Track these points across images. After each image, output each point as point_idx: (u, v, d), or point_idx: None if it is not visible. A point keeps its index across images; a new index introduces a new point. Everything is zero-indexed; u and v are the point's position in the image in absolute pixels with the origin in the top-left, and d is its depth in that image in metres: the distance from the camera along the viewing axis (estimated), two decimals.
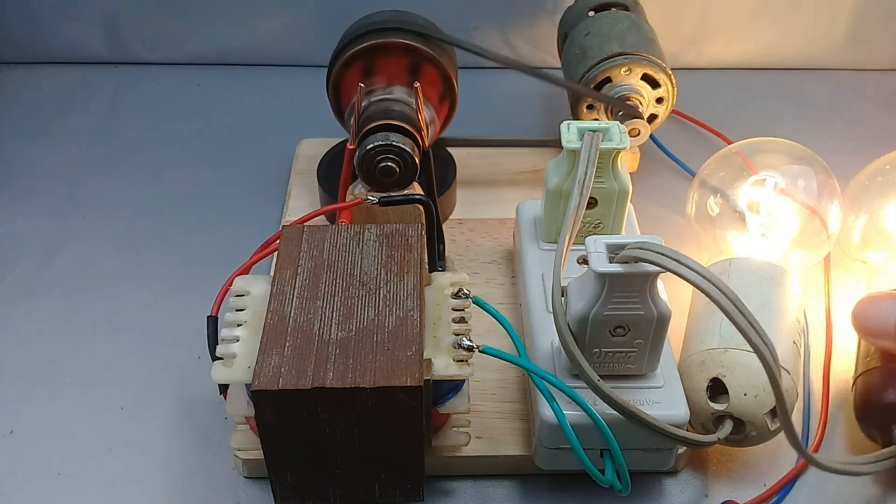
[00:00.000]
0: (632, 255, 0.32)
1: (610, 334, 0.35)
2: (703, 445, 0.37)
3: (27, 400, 0.43)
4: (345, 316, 0.34)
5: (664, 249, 0.31)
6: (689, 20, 0.67)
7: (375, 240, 0.37)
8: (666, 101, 0.53)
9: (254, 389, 0.31)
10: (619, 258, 0.32)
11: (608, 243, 0.33)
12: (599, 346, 0.35)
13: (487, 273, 0.49)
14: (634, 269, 0.32)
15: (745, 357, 0.37)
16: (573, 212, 0.38)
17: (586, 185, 0.39)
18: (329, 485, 0.35)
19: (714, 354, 0.37)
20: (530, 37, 0.68)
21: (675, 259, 0.30)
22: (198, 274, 0.49)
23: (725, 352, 0.37)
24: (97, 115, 0.64)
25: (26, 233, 0.53)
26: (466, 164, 0.54)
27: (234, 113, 0.64)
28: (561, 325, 0.35)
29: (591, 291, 0.33)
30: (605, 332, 0.35)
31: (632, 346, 0.35)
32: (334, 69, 0.48)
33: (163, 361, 0.45)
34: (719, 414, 0.37)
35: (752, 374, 0.36)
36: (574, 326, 0.35)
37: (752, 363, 0.36)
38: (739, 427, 0.37)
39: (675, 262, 0.30)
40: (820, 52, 0.69)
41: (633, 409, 0.34)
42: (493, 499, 0.39)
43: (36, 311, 0.48)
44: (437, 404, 0.36)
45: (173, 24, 0.67)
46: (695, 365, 0.38)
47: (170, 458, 0.40)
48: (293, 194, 0.53)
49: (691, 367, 0.38)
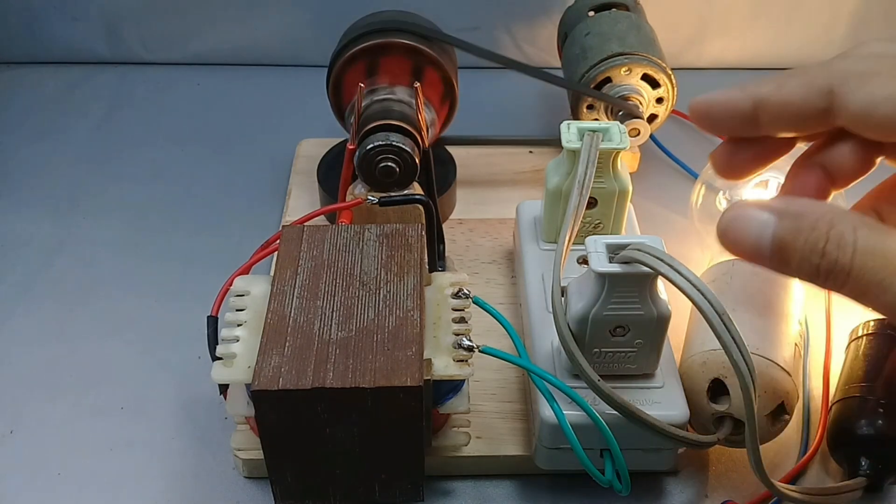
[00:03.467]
0: (629, 255, 0.32)
1: (610, 334, 0.35)
2: (703, 446, 0.37)
3: (27, 400, 0.43)
4: (345, 316, 0.34)
5: (659, 253, 0.31)
6: (689, 20, 0.67)
7: (375, 240, 0.37)
8: (666, 101, 0.53)
9: (254, 389, 0.31)
10: (618, 258, 0.32)
11: (608, 243, 0.33)
12: (599, 346, 0.35)
13: (487, 273, 0.49)
14: (634, 269, 0.32)
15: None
16: (573, 212, 0.38)
17: (586, 185, 0.39)
18: (329, 485, 0.35)
19: (716, 355, 0.37)
20: (530, 37, 0.68)
21: (668, 264, 0.30)
22: (198, 274, 0.49)
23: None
24: (97, 115, 0.64)
25: (26, 233, 0.53)
26: (466, 164, 0.54)
27: (234, 113, 0.64)
28: (561, 325, 0.35)
29: (591, 291, 0.34)
30: (605, 331, 0.35)
31: (632, 346, 0.35)
32: (334, 69, 0.48)
33: (163, 361, 0.45)
34: (720, 414, 0.37)
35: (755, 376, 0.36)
36: (574, 326, 0.35)
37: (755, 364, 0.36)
38: (739, 427, 0.37)
39: (668, 266, 0.30)
40: (820, 52, 0.69)
41: (633, 409, 0.34)
42: (493, 499, 0.39)
43: (36, 311, 0.48)
44: (437, 404, 0.36)
45: (173, 24, 0.67)
46: (696, 365, 0.38)
47: (170, 458, 0.40)
48: (293, 194, 0.53)
49: (693, 368, 0.38)
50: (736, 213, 0.29)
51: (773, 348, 0.38)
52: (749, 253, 0.29)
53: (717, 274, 0.42)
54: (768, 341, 0.38)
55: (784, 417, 0.37)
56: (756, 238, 0.28)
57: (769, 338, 0.38)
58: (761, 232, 0.28)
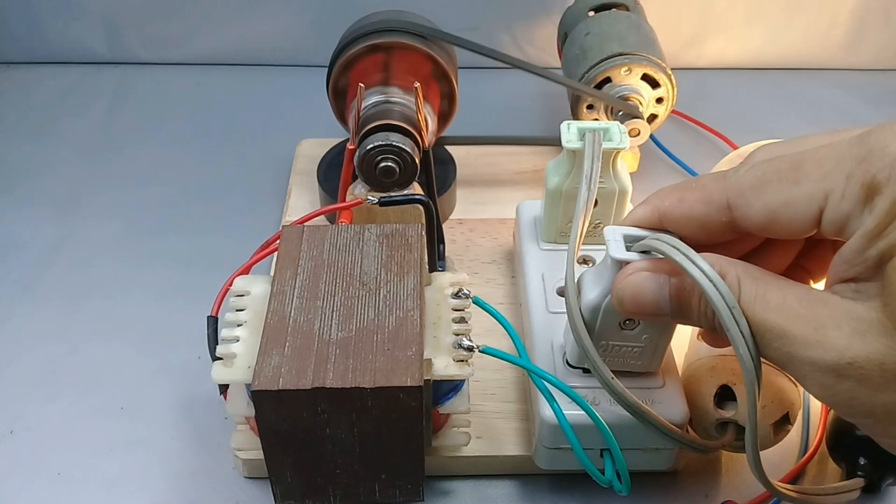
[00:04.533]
0: (649, 245, 0.31)
1: (620, 327, 0.34)
2: (708, 451, 0.37)
3: (27, 400, 0.43)
4: (345, 316, 0.34)
5: (676, 243, 0.30)
6: (689, 20, 0.67)
7: (375, 240, 0.37)
8: (666, 101, 0.53)
9: (254, 389, 0.31)
10: (636, 247, 0.32)
11: (626, 234, 0.33)
12: (608, 339, 0.35)
13: (487, 273, 0.49)
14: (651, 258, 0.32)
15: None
16: (583, 207, 0.38)
17: (594, 181, 0.39)
18: (329, 485, 0.35)
19: (726, 361, 0.37)
20: (530, 36, 0.68)
21: (685, 254, 0.30)
22: (198, 274, 0.49)
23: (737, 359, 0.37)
24: (97, 115, 0.64)
25: (26, 233, 0.53)
26: (466, 163, 0.54)
27: (234, 113, 0.64)
28: (575, 320, 0.34)
29: (607, 280, 0.33)
30: (615, 323, 0.34)
31: (639, 340, 0.35)
32: (335, 69, 0.48)
33: (163, 361, 0.45)
34: (724, 420, 0.37)
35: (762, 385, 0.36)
36: (586, 315, 0.34)
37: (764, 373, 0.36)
38: (742, 433, 0.37)
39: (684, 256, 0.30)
40: (820, 52, 0.69)
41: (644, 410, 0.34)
42: (493, 499, 0.39)
43: (36, 311, 0.48)
44: (437, 404, 0.36)
45: (173, 24, 0.67)
46: (704, 369, 0.37)
47: (170, 459, 0.40)
48: (293, 194, 0.53)
49: (700, 371, 0.38)
50: (630, 281, 0.31)
51: None
52: (651, 313, 0.31)
53: None
54: None
55: (787, 427, 0.37)
56: (654, 299, 0.31)
57: None
58: (659, 293, 0.31)
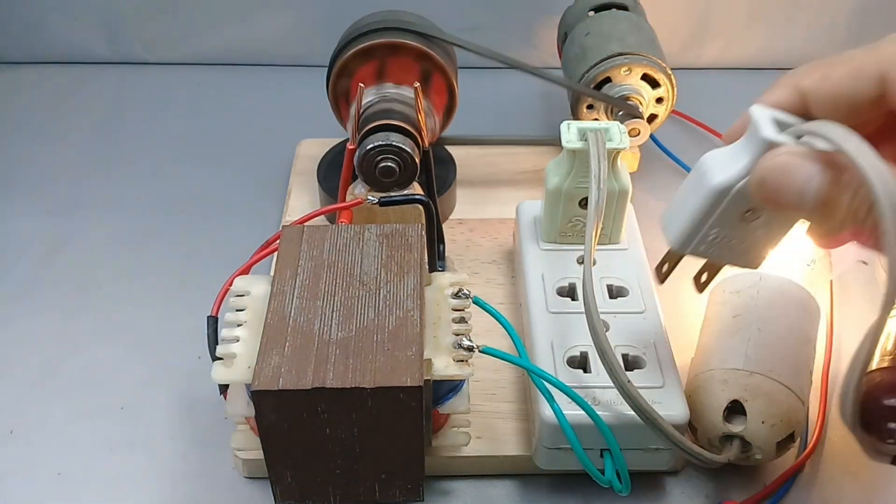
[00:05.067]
0: (811, 129, 0.28)
1: (740, 216, 0.31)
2: (712, 464, 0.37)
3: (27, 400, 0.43)
4: (345, 316, 0.34)
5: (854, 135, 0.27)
6: (689, 20, 0.67)
7: (375, 240, 0.37)
8: (666, 101, 0.53)
9: (254, 389, 0.31)
10: (791, 131, 0.29)
11: (775, 116, 0.30)
12: (721, 227, 0.32)
13: (487, 273, 0.49)
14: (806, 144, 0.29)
15: (769, 384, 0.36)
16: (595, 206, 0.39)
17: (603, 179, 0.39)
18: (329, 485, 0.35)
19: (739, 376, 0.37)
20: (530, 37, 0.68)
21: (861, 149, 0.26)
22: (198, 274, 0.49)
23: (750, 375, 0.37)
24: (97, 115, 0.64)
25: (26, 232, 0.53)
26: (466, 163, 0.54)
27: (234, 113, 0.64)
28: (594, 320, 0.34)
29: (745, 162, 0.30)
30: (738, 211, 0.31)
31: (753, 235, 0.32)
32: (335, 69, 0.48)
33: (163, 362, 0.45)
34: (730, 434, 0.36)
35: (773, 403, 0.36)
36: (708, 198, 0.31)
37: (776, 392, 0.36)
38: (747, 448, 0.37)
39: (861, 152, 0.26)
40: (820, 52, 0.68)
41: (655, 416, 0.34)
42: (493, 499, 0.39)
43: (36, 311, 0.48)
44: (437, 404, 0.36)
45: (173, 24, 0.67)
46: (716, 382, 0.37)
47: (170, 459, 0.40)
48: (293, 194, 0.53)
49: (711, 383, 0.37)
50: (779, 162, 0.28)
51: (794, 377, 0.37)
52: (789, 202, 0.28)
53: (743, 286, 0.41)
54: (789, 368, 0.38)
55: (790, 445, 0.37)
56: (799, 188, 0.27)
57: (790, 364, 0.38)
58: (806, 182, 0.27)
